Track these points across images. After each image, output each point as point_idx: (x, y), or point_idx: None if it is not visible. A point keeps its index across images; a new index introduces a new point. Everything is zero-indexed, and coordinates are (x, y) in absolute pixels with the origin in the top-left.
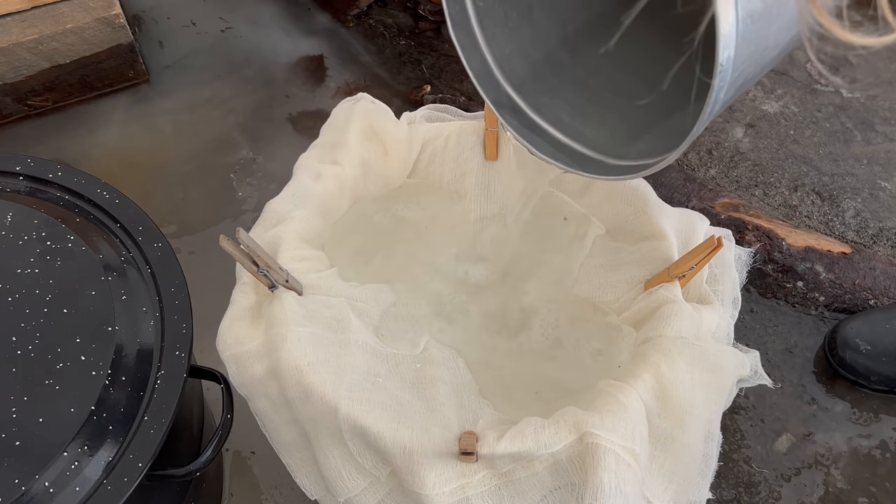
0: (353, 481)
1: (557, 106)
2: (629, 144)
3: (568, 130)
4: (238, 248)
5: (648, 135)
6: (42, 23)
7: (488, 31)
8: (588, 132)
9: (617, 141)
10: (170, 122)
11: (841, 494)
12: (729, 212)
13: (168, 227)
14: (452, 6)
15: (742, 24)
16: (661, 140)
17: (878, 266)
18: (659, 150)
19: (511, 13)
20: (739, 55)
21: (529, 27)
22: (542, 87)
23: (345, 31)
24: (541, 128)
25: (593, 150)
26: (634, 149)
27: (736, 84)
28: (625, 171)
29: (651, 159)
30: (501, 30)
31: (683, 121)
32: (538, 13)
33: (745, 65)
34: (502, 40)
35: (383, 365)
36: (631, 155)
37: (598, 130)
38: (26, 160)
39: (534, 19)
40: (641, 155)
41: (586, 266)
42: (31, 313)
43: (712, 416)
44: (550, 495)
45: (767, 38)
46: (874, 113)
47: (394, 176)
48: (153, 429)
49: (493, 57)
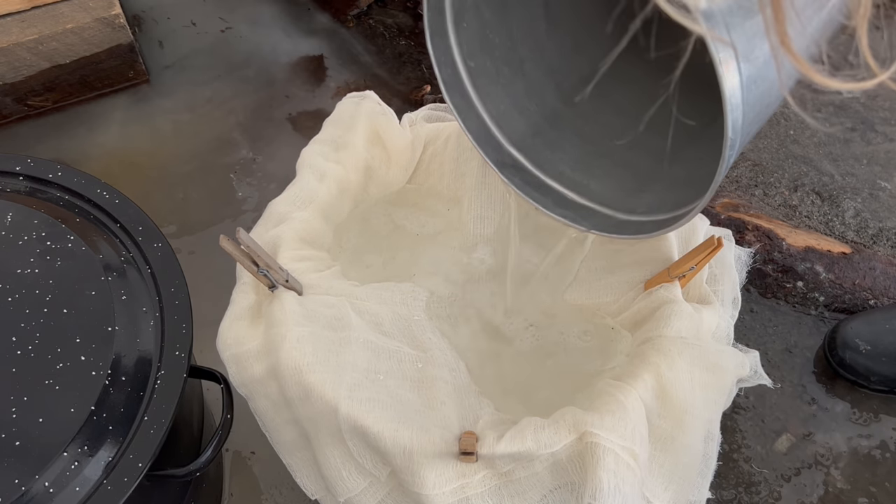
0: (353, 481)
1: (559, 160)
2: (636, 196)
3: (572, 185)
4: (238, 248)
5: (654, 185)
6: (42, 23)
7: (482, 91)
8: (593, 186)
9: (623, 193)
10: (170, 122)
11: (841, 494)
12: (729, 212)
13: (168, 227)
14: (445, 71)
15: (746, 91)
16: (669, 192)
17: (878, 266)
18: (668, 203)
19: (503, 69)
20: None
21: (522, 81)
22: (542, 141)
23: (345, 31)
24: (546, 185)
25: (600, 204)
26: (642, 202)
27: (747, 140)
28: (637, 228)
29: (662, 214)
30: (495, 87)
31: (688, 168)
32: (529, 65)
33: (751, 126)
34: (497, 98)
35: (385, 362)
36: (640, 209)
37: (603, 183)
38: (26, 160)
39: (525, 72)
40: (651, 209)
41: (586, 268)
42: (31, 313)
43: (712, 416)
44: (550, 495)
45: (771, 95)
46: (874, 113)
47: (395, 181)
48: (153, 429)
49: (490, 116)
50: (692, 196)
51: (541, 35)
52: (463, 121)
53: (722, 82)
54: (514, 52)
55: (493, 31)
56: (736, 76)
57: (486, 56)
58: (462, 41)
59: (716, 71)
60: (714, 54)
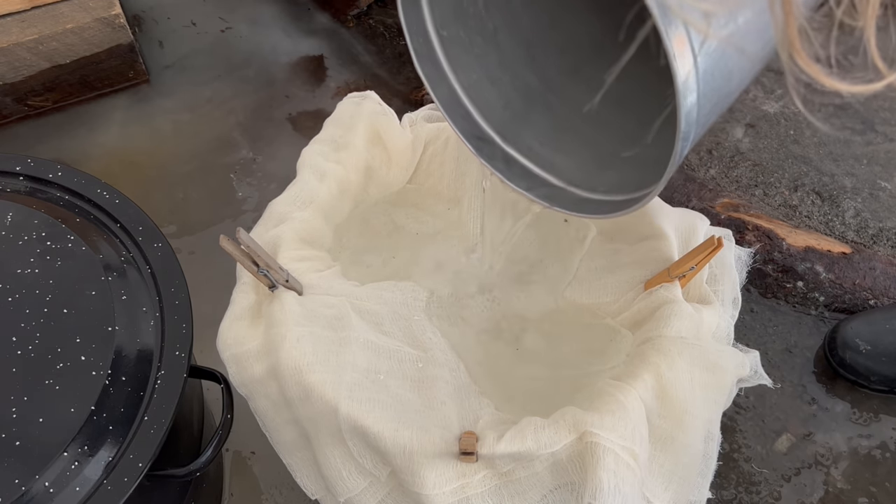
0: (353, 481)
1: (527, 134)
2: (598, 175)
3: (538, 160)
4: (238, 248)
5: (617, 164)
6: (42, 23)
7: (454, 60)
8: (558, 161)
9: (586, 171)
10: (170, 122)
11: (841, 494)
12: (729, 212)
13: (168, 227)
14: (416, 40)
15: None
16: (631, 173)
17: (878, 266)
18: (629, 184)
19: (476, 39)
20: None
21: (496, 51)
22: (511, 114)
23: (345, 31)
24: (512, 158)
25: (564, 180)
26: (604, 181)
27: (702, 131)
28: (596, 208)
29: (622, 195)
30: (467, 57)
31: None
32: (503, 36)
33: (708, 117)
34: (469, 68)
35: (385, 361)
36: (601, 188)
37: (568, 159)
38: (26, 160)
39: (499, 42)
40: (612, 189)
41: (586, 268)
42: (31, 313)
43: (712, 415)
44: (550, 495)
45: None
46: (874, 113)
47: (395, 181)
48: (153, 429)
49: (461, 85)
50: (653, 178)
51: (516, 6)
52: (433, 89)
53: (675, 75)
54: (487, 22)
55: (468, 0)
56: (691, 67)
57: (460, 25)
58: (435, 9)
59: (670, 63)
60: (668, 47)
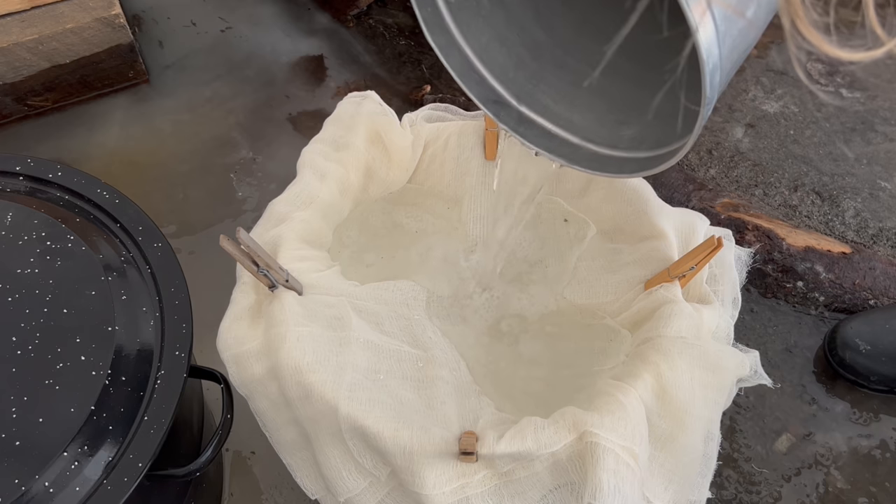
0: (353, 481)
1: (542, 92)
2: (618, 130)
3: (556, 119)
4: (238, 248)
5: (635, 117)
6: (42, 23)
7: (463, 26)
8: (576, 119)
9: (605, 126)
10: (170, 122)
11: (841, 494)
12: (729, 212)
13: (168, 227)
14: (425, 10)
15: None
16: (650, 126)
17: (878, 266)
18: (649, 139)
19: (483, 1)
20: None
21: (502, 10)
22: (524, 73)
23: (345, 31)
24: (529, 119)
25: (583, 138)
26: (625, 136)
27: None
28: (619, 166)
29: (643, 152)
30: (476, 20)
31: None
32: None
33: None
34: (478, 31)
35: (385, 361)
36: (622, 144)
37: (585, 115)
38: (26, 160)
39: (505, 2)
40: (633, 145)
41: (586, 268)
42: (31, 313)
43: (712, 415)
44: (550, 494)
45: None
46: (874, 113)
47: (395, 181)
48: (153, 429)
49: (472, 50)
50: (672, 133)
51: None
52: (445, 58)
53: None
54: None
55: None
56: (712, 30)
57: None
58: None
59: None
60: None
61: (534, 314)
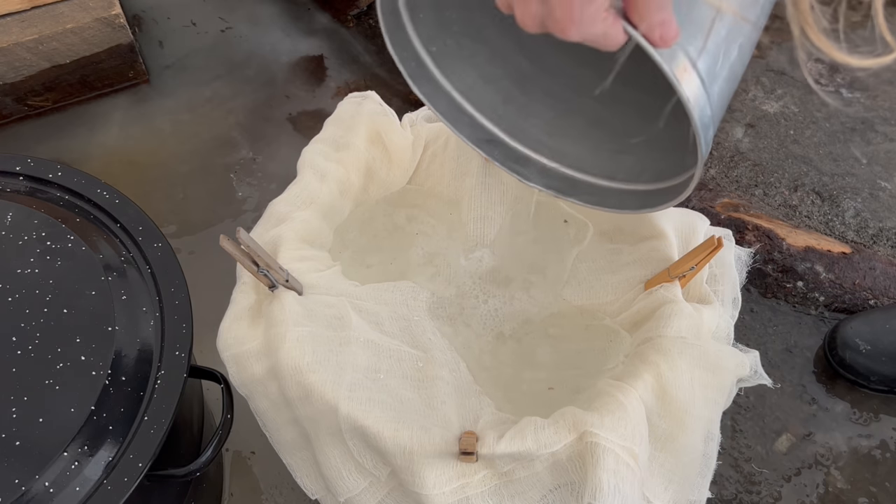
0: (353, 481)
1: (533, 126)
2: (615, 160)
3: (551, 153)
4: (238, 248)
5: (631, 146)
6: (42, 23)
7: (447, 70)
8: (570, 150)
9: (601, 156)
10: (170, 122)
11: (841, 494)
12: (729, 212)
13: (168, 227)
14: (409, 65)
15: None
16: (649, 156)
17: (878, 266)
18: (648, 170)
19: (464, 42)
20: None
21: (484, 48)
22: (514, 108)
23: (345, 31)
24: (525, 156)
25: (580, 170)
26: (622, 166)
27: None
28: (619, 200)
29: (643, 184)
30: (459, 63)
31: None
32: (489, 31)
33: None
34: (463, 72)
35: (385, 361)
36: (620, 174)
37: (579, 146)
38: (26, 160)
39: (486, 38)
40: (631, 176)
41: (586, 269)
42: (31, 313)
43: (712, 415)
44: (550, 494)
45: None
46: (874, 113)
47: (396, 182)
48: (153, 429)
49: (459, 91)
50: (673, 165)
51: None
52: (433, 105)
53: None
54: (471, 23)
55: (449, 8)
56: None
57: (446, 35)
58: (419, 28)
59: (672, 84)
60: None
61: (535, 316)
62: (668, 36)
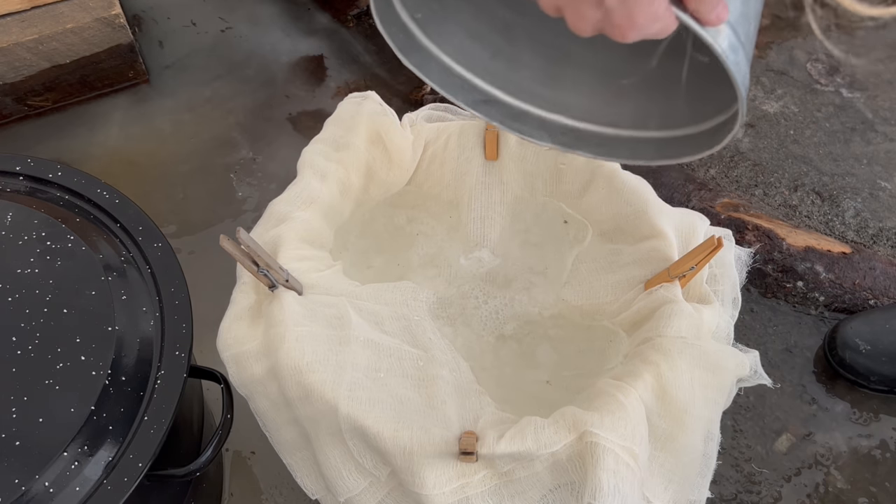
0: (353, 481)
1: (526, 78)
2: (614, 104)
3: (547, 104)
4: (238, 248)
5: (629, 89)
6: (42, 23)
7: (434, 35)
8: (567, 99)
9: (600, 102)
10: (170, 122)
11: (841, 494)
12: (729, 212)
13: (168, 227)
14: (397, 38)
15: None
16: (652, 99)
17: (878, 266)
18: (653, 115)
19: (448, 2)
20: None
21: (468, 4)
22: (504, 62)
23: (345, 31)
24: (524, 112)
25: (580, 119)
26: (625, 113)
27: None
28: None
29: (655, 131)
30: (446, 25)
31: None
32: None
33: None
34: (450, 34)
35: (386, 360)
36: (625, 120)
37: (576, 92)
38: (26, 160)
39: None
40: (637, 122)
41: (586, 269)
42: (31, 313)
43: (712, 415)
44: (550, 494)
45: None
46: (874, 113)
47: (396, 182)
48: (153, 429)
49: (448, 54)
50: (678, 109)
51: None
52: (424, 73)
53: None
54: None
55: None
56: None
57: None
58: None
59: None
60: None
61: (536, 316)
62: (723, 15)
